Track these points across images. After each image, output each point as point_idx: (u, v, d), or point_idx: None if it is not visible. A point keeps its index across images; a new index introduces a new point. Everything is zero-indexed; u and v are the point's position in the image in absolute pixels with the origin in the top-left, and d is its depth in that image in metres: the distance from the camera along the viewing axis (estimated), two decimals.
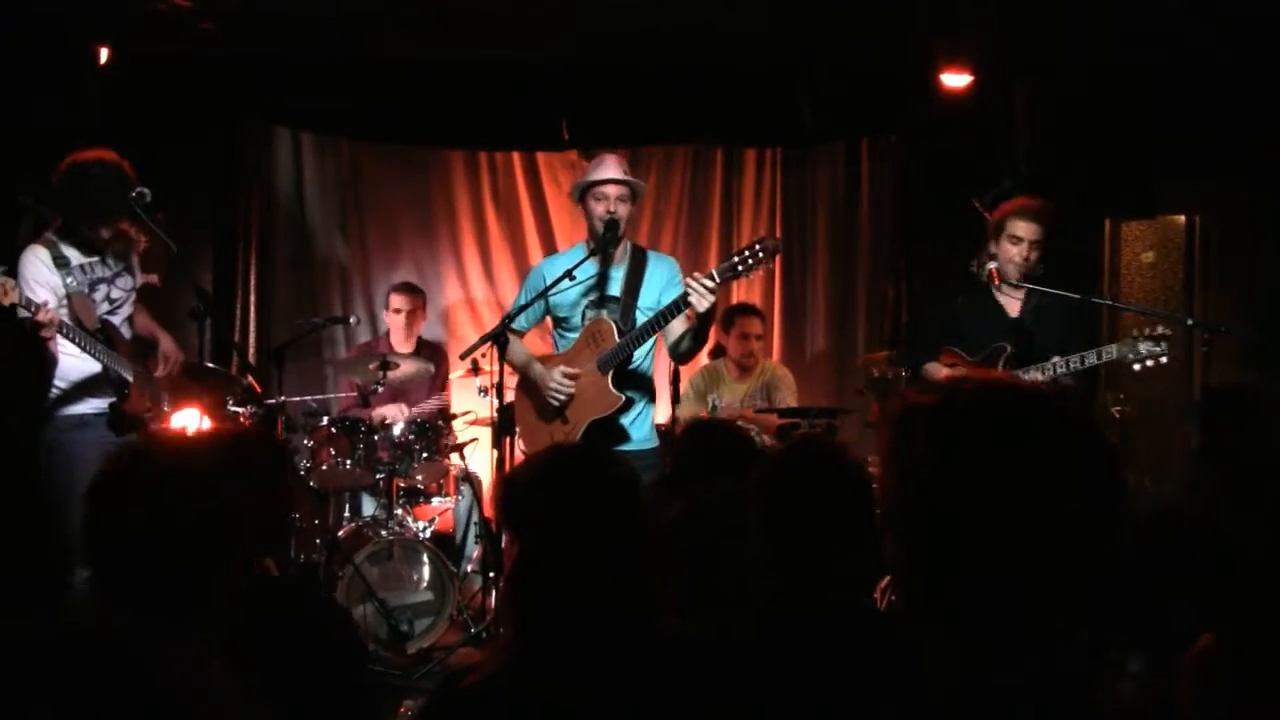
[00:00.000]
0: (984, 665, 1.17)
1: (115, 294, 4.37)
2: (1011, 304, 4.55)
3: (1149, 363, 4.19)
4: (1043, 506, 1.12)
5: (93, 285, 4.28)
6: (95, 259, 4.31)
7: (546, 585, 1.74)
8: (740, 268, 3.94)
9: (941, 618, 1.19)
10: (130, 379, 4.26)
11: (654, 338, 4.26)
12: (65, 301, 4.16)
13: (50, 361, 4.22)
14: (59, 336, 4.10)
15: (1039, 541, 1.12)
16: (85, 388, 4.26)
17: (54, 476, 4.16)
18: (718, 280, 3.90)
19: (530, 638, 1.75)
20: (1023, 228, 4.46)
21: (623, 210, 4.25)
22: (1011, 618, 1.15)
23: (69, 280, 4.19)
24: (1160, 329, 4.22)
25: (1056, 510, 1.12)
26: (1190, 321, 4.73)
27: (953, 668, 1.19)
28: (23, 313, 3.95)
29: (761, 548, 2.03)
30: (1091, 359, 4.21)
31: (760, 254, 3.92)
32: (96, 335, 4.20)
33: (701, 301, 3.88)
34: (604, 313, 4.26)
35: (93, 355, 4.16)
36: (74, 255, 4.24)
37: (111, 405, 4.25)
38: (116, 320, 4.36)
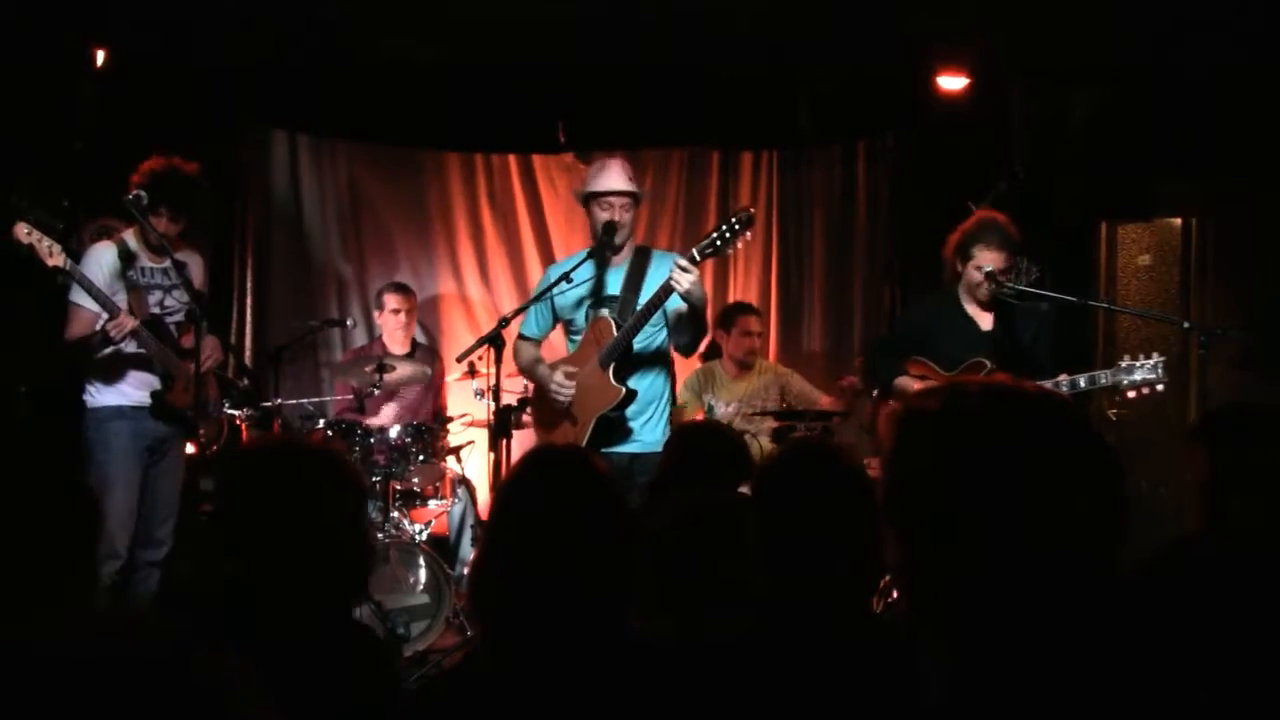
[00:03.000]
0: (983, 668, 1.16)
1: (169, 302, 4.52)
2: (983, 318, 4.44)
3: (1144, 390, 4.10)
4: (1044, 510, 1.12)
5: (148, 288, 4.45)
6: (157, 266, 4.48)
7: (512, 586, 1.73)
8: (719, 242, 3.95)
9: (941, 620, 1.19)
10: (174, 373, 4.39)
11: (665, 337, 4.33)
12: (122, 293, 4.34)
13: (87, 353, 4.35)
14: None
15: (1040, 545, 1.12)
16: (123, 379, 4.40)
17: (89, 468, 4.26)
18: (698, 259, 3.94)
19: (497, 640, 1.74)
20: (989, 258, 4.29)
21: (626, 217, 4.30)
22: (1011, 620, 1.15)
23: (129, 274, 4.39)
24: (1156, 356, 4.11)
25: (1058, 514, 1.12)
26: (1187, 324, 4.71)
27: (951, 671, 1.19)
28: (78, 296, 4.21)
29: (759, 549, 2.03)
30: (1082, 383, 4.13)
31: (737, 226, 3.93)
32: (145, 324, 4.34)
33: (681, 284, 3.90)
34: (604, 311, 4.28)
35: (141, 344, 4.32)
36: (141, 256, 4.45)
37: (154, 394, 4.37)
38: (167, 322, 4.51)
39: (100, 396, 4.40)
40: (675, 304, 4.14)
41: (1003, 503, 1.12)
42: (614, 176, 4.33)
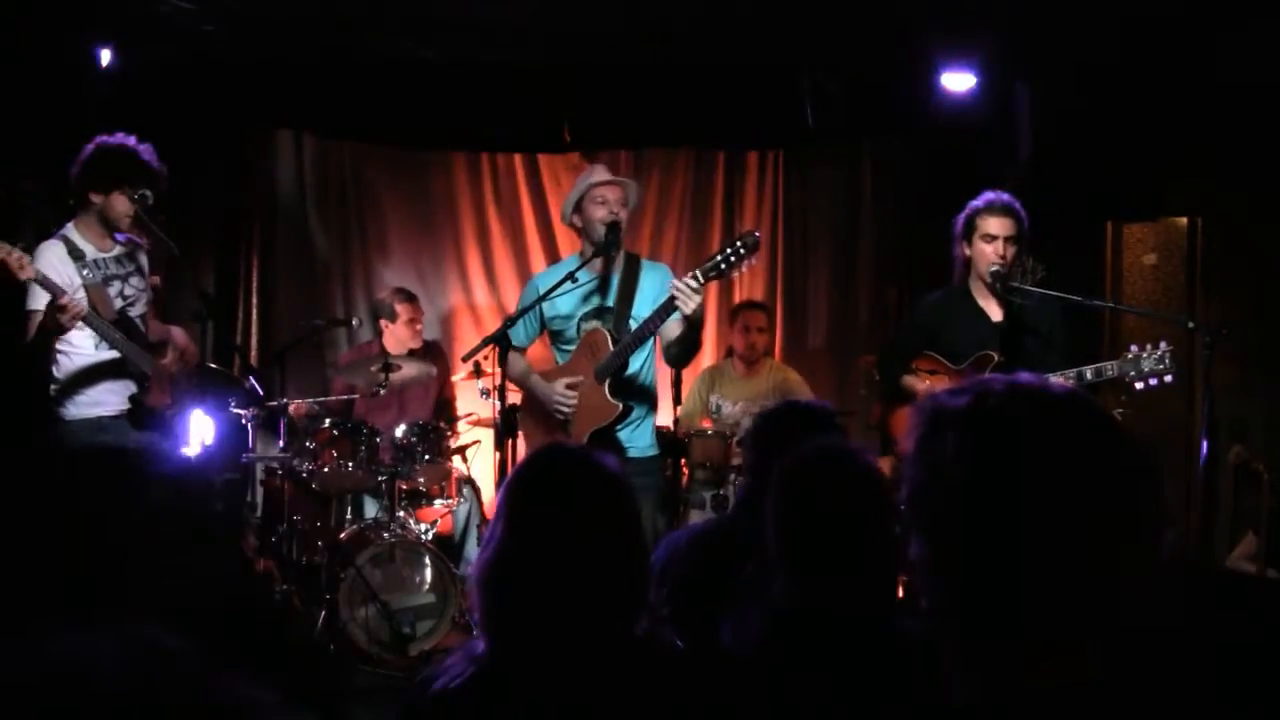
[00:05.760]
0: (1007, 670, 1.16)
1: (129, 291, 4.34)
2: (994, 309, 4.34)
3: (1152, 381, 3.96)
4: (1073, 509, 1.11)
5: (106, 280, 4.25)
6: (109, 255, 4.29)
7: (517, 584, 1.72)
8: (724, 265, 3.82)
9: (965, 621, 1.18)
10: (150, 372, 4.24)
11: (653, 344, 4.24)
12: (82, 293, 4.11)
13: (48, 360, 4.16)
14: (72, 336, 4.10)
15: (1068, 545, 1.12)
16: (97, 388, 4.21)
17: (78, 485, 4.17)
18: (702, 280, 3.82)
19: (499, 639, 1.73)
20: (995, 224, 4.21)
21: (623, 213, 4.23)
22: (1036, 622, 1.14)
23: (84, 272, 4.16)
24: (1164, 345, 3.99)
25: (1086, 512, 1.12)
26: (1192, 324, 4.67)
27: (975, 673, 1.19)
28: (36, 302, 3.96)
29: (777, 550, 2.02)
30: (1089, 375, 4.01)
31: (742, 250, 3.83)
32: (115, 325, 4.17)
33: (687, 304, 3.80)
34: (598, 323, 4.23)
35: (112, 345, 4.12)
36: (89, 250, 4.23)
37: (131, 398, 4.20)
38: (132, 314, 4.33)
39: (75, 409, 4.18)
40: (672, 319, 4.07)
41: (1031, 502, 1.12)
42: (602, 171, 4.32)
